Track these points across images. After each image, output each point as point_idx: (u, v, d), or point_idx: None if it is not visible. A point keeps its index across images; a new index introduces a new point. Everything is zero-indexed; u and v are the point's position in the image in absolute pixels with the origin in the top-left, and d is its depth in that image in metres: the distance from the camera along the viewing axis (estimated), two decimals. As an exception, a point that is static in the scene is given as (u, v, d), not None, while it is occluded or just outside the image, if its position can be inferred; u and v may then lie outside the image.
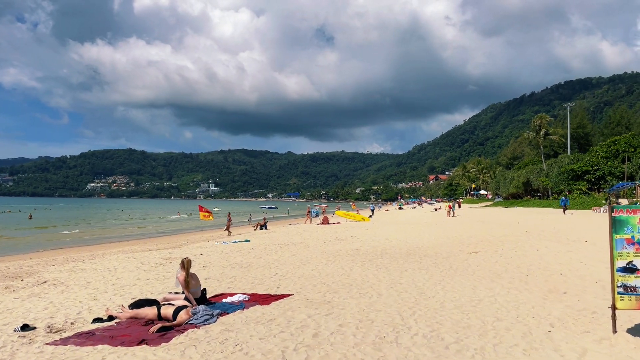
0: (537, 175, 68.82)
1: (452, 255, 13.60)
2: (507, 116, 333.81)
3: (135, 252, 19.97)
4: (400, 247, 16.08)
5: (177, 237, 29.64)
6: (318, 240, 20.55)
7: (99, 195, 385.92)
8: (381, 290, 8.67)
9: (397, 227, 27.43)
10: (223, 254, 16.28)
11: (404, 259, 13.00)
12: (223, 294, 8.69)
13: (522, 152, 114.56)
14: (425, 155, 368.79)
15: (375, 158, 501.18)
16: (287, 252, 15.68)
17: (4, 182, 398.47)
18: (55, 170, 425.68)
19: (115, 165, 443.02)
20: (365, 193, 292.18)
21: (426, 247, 15.63)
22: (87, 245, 28.53)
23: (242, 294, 8.36)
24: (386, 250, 15.07)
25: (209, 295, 8.49)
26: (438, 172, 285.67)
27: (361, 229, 26.97)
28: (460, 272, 10.48)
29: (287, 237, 23.59)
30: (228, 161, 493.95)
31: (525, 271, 10.36)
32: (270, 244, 19.38)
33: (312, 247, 17.36)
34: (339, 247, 16.78)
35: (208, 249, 18.53)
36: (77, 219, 63.84)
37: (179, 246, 22.15)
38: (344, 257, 13.64)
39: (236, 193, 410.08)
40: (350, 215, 40.19)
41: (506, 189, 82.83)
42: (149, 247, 23.46)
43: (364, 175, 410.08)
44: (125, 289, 9.97)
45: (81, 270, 13.65)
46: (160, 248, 21.99)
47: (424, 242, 17.56)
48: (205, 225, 46.15)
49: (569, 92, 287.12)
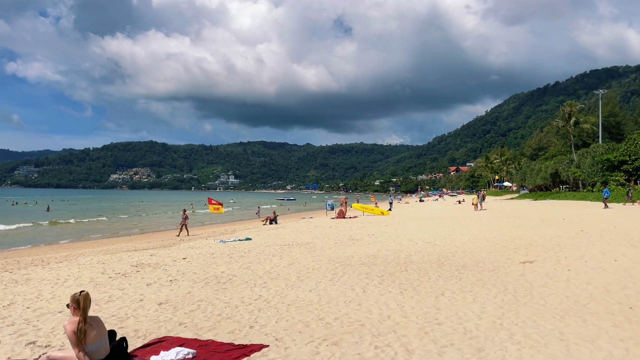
0: (567, 166, 64.56)
1: (500, 266, 10.27)
2: (530, 106, 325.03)
3: (115, 252, 17.08)
4: (429, 252, 12.78)
5: (176, 233, 26.77)
6: (329, 240, 17.37)
7: (121, 187, 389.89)
8: (410, 337, 5.45)
9: (420, 223, 24.07)
10: (209, 258, 13.22)
11: (436, 272, 9.72)
12: (160, 342, 5.54)
13: (548, 143, 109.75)
14: (446, 146, 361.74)
15: (394, 150, 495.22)
16: (286, 258, 12.54)
17: (30, 174, 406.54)
18: (78, 162, 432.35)
19: (137, 157, 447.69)
20: (384, 185, 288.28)
21: (462, 253, 12.32)
22: (74, 242, 25.84)
23: (186, 348, 5.17)
24: (411, 257, 11.78)
25: (137, 345, 5.39)
26: (459, 164, 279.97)
27: (380, 226, 23.69)
28: (524, 300, 7.19)
29: (295, 235, 20.46)
30: (247, 153, 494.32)
31: (621, 298, 7.03)
32: (271, 245, 16.27)
33: (319, 250, 14.18)
34: (351, 251, 13.55)
35: (198, 250, 15.51)
36: (92, 211, 61.77)
37: (170, 245, 19.20)
38: (357, 269, 10.41)
39: (255, 185, 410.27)
40: (368, 209, 36.93)
41: (533, 180, 78.71)
42: (136, 245, 20.57)
43: (383, 167, 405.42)
44: (40, 321, 6.94)
45: (25, 280, 10.71)
46: (147, 247, 19.08)
47: (457, 244, 14.23)
48: (215, 220, 43.39)
49: (594, 81, 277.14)
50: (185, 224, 26.41)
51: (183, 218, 26.63)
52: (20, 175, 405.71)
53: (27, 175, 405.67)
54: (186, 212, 27.50)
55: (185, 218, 26.65)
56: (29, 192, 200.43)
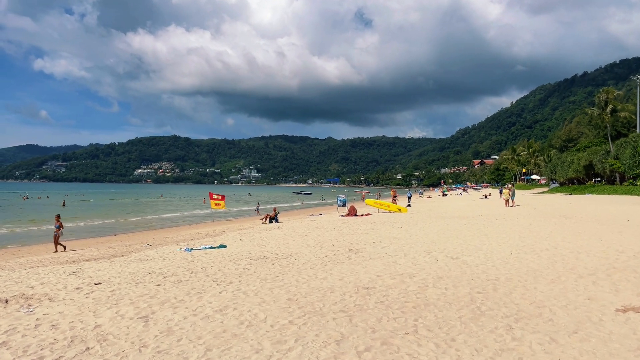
0: (603, 158, 58.95)
1: (583, 316, 5.90)
2: (557, 98, 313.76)
3: (56, 263, 13.19)
4: (455, 278, 8.42)
5: (152, 234, 22.89)
6: (320, 249, 13.16)
7: (146, 181, 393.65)
8: None
9: (443, 225, 19.64)
10: (134, 287, 9.15)
11: (469, 332, 5.43)
12: None
13: (578, 134, 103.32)
14: (470, 139, 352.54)
15: (417, 143, 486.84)
16: (244, 286, 8.35)
17: (58, 168, 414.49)
18: (104, 157, 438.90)
19: (161, 152, 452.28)
20: (406, 178, 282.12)
21: (507, 281, 7.96)
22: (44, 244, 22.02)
23: None
24: (426, 292, 7.41)
25: None
26: (483, 157, 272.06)
27: (393, 227, 19.35)
28: None
29: (284, 240, 16.30)
30: (269, 147, 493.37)
31: None
32: (240, 258, 12.10)
33: (294, 271, 9.91)
34: (338, 276, 9.22)
35: (132, 267, 11.47)
36: (103, 207, 58.64)
37: (123, 254, 15.21)
38: (327, 325, 6.08)
39: (277, 179, 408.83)
40: (384, 205, 32.56)
41: (564, 173, 73.07)
42: (76, 255, 16.66)
43: (405, 161, 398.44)
44: None
45: None
46: (91, 256, 15.17)
47: (495, 262, 9.85)
48: (217, 215, 39.63)
49: (624, 71, 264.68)
50: (58, 237, 18.76)
51: (57, 228, 18.72)
52: (48, 169, 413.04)
53: (55, 169, 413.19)
54: (60, 220, 19.16)
55: (59, 228, 18.78)
56: (56, 186, 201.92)
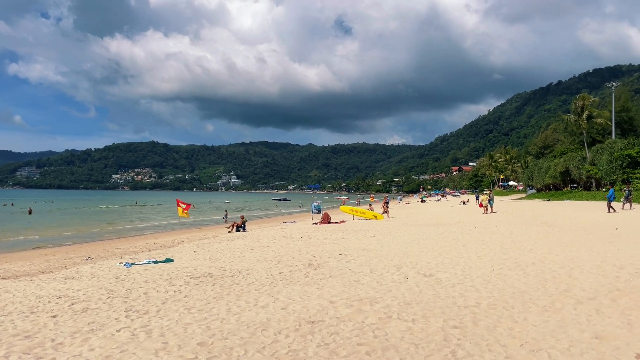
0: (580, 164, 58.77)
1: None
2: (532, 106, 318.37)
3: None
4: (428, 310, 6.81)
5: (104, 245, 20.94)
6: (277, 264, 11.51)
7: (123, 188, 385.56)
8: None
9: (418, 234, 18.15)
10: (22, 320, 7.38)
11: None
12: None
13: (554, 140, 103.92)
14: (448, 146, 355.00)
15: (396, 149, 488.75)
16: (156, 321, 6.64)
17: (32, 174, 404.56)
18: (80, 163, 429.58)
19: (138, 158, 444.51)
20: (386, 185, 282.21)
21: (488, 307, 6.43)
22: None
23: None
24: (389, 332, 5.62)
25: None
26: (461, 163, 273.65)
27: (364, 237, 17.79)
28: None
29: (242, 252, 14.60)
30: (249, 153, 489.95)
31: None
32: (179, 276, 10.34)
33: (235, 294, 8.21)
34: (287, 298, 7.55)
35: (54, 287, 9.68)
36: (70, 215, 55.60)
37: (49, 271, 13.32)
38: None
39: (257, 185, 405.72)
40: (359, 212, 31.12)
41: (541, 179, 72.85)
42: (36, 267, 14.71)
43: (385, 167, 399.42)
44: None
45: None
46: (15, 274, 13.27)
47: (474, 280, 8.35)
48: (185, 223, 37.66)
49: (598, 80, 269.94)
50: None
51: None
52: (22, 176, 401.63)
53: (28, 176, 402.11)
54: None
55: None
56: (29, 193, 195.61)
